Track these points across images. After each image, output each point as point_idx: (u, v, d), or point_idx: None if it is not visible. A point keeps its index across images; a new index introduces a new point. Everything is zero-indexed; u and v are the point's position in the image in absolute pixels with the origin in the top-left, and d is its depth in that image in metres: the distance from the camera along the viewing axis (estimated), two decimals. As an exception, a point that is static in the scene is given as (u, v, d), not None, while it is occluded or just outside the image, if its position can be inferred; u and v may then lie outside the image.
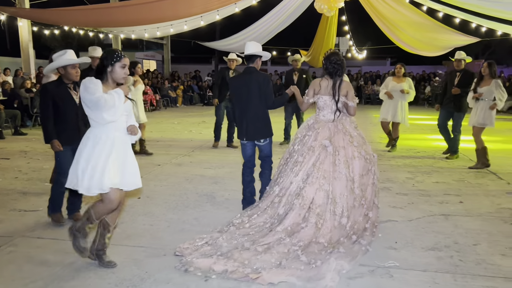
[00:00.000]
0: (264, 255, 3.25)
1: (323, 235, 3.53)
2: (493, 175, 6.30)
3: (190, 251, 3.39)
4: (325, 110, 4.03)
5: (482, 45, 22.05)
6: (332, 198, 3.66)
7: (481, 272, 3.22)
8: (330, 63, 4.01)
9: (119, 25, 12.65)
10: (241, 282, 2.99)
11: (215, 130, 8.36)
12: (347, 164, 3.77)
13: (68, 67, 3.93)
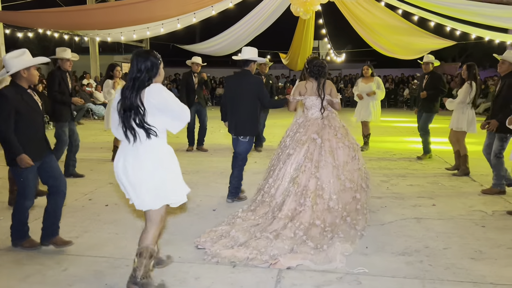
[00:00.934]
0: (277, 242, 3.59)
1: (318, 217, 3.93)
2: (466, 177, 6.33)
3: (210, 243, 3.64)
4: (313, 109, 4.47)
5: (458, 48, 22.45)
6: (320, 185, 4.06)
7: (450, 277, 3.19)
8: (314, 66, 4.42)
9: (95, 27, 12.41)
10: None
11: (188, 135, 8.32)
12: (332, 153, 4.20)
13: (31, 68, 3.53)
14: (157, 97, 2.69)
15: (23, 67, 3.46)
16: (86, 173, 6.39)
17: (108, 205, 4.85)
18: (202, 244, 3.65)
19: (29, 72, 3.53)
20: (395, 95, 20.81)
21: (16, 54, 3.50)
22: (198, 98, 8.09)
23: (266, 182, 4.50)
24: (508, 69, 5.18)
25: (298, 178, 4.10)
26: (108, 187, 5.61)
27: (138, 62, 2.71)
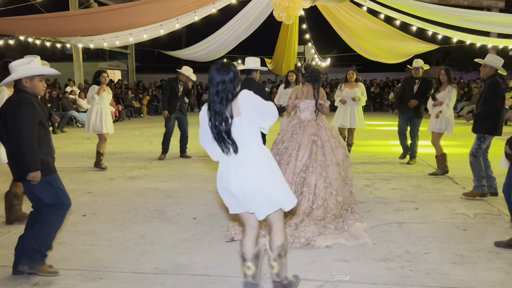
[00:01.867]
0: (307, 227, 3.96)
1: (329, 211, 4.25)
2: (449, 180, 6.35)
3: (240, 235, 3.80)
4: (306, 112, 4.70)
5: (441, 52, 22.72)
6: (329, 182, 4.35)
7: (430, 283, 3.15)
8: (312, 72, 4.67)
9: (78, 34, 12.28)
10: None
11: (163, 142, 8.12)
12: (333, 153, 4.49)
13: (36, 78, 3.23)
14: (251, 103, 2.71)
15: (24, 75, 3.18)
16: (65, 182, 6.19)
17: (86, 215, 4.73)
18: (236, 237, 3.96)
19: (32, 82, 3.21)
20: (380, 99, 20.95)
21: (22, 62, 3.22)
22: (179, 105, 7.97)
23: None
24: (489, 73, 5.21)
25: (308, 179, 4.36)
26: (86, 197, 5.49)
27: (220, 75, 2.67)
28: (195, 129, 9.07)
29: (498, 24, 9.94)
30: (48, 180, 3.24)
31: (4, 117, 3.15)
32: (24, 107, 3.12)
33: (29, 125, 3.11)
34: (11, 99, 3.21)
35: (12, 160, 3.22)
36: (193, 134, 11.24)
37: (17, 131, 3.08)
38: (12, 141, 3.13)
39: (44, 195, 3.24)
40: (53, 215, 3.27)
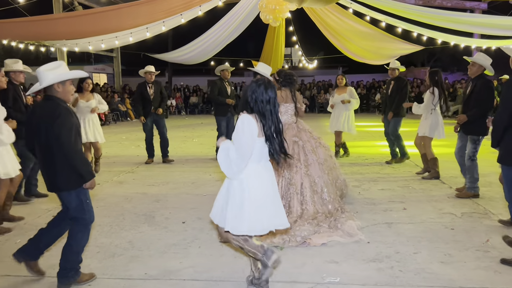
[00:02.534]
0: (302, 226, 4.05)
1: (319, 210, 4.36)
2: (436, 180, 6.40)
3: None
4: (286, 115, 4.84)
5: (427, 53, 23.03)
6: (313, 180, 4.48)
7: (420, 283, 3.17)
8: (286, 76, 4.84)
9: (62, 37, 12.13)
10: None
11: (146, 148, 8.01)
12: (315, 152, 4.64)
13: (67, 82, 3.14)
14: None
15: (57, 80, 3.07)
16: (51, 188, 6.15)
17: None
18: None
19: (64, 87, 3.12)
20: (367, 100, 21.11)
21: (51, 67, 3.10)
22: (154, 109, 7.78)
23: None
24: (477, 72, 5.22)
25: (294, 179, 4.45)
26: (73, 202, 5.40)
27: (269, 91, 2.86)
28: (181, 132, 9.03)
29: (481, 26, 10.10)
30: (78, 192, 3.15)
31: (45, 128, 3.00)
32: (65, 117, 3.02)
33: (72, 135, 3.04)
34: (46, 108, 3.05)
35: (52, 171, 3.07)
36: (180, 138, 11.17)
37: (62, 143, 2.98)
38: (53, 153, 3.02)
39: (72, 204, 3.17)
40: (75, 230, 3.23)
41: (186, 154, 9.11)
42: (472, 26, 10.25)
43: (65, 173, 3.06)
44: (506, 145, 3.58)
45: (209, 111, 21.91)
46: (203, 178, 6.70)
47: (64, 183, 3.09)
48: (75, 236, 3.20)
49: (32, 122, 3.09)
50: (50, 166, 3.07)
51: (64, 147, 2.98)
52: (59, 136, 2.97)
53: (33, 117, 3.10)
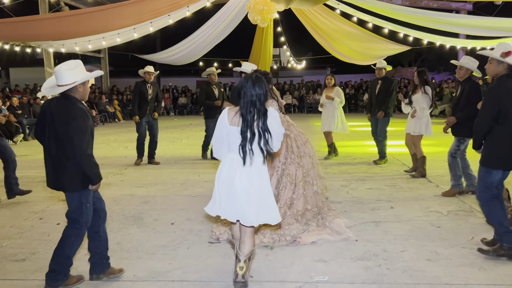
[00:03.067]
0: (291, 225, 4.08)
1: (308, 202, 4.42)
2: (423, 178, 6.48)
3: (228, 235, 3.95)
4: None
5: (413, 53, 23.26)
6: (306, 172, 4.56)
7: (407, 280, 3.21)
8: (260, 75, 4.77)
9: (49, 38, 12.01)
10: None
11: (137, 147, 7.97)
12: (305, 145, 4.73)
13: (86, 82, 3.13)
14: (273, 120, 2.95)
15: (84, 80, 3.05)
16: (38, 190, 6.11)
17: (60, 224, 4.61)
18: (221, 237, 4.07)
19: (85, 87, 3.10)
20: (355, 100, 21.25)
21: (71, 66, 3.03)
22: (150, 110, 7.76)
23: None
24: (465, 75, 5.29)
25: (288, 170, 4.50)
26: (60, 205, 5.35)
27: (256, 87, 2.91)
28: (170, 133, 8.98)
29: (467, 27, 10.26)
30: (81, 195, 3.11)
31: (59, 127, 2.97)
32: (80, 120, 2.98)
33: (86, 138, 3.00)
34: (63, 107, 3.00)
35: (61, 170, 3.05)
36: (169, 138, 11.17)
37: (74, 145, 2.95)
38: (64, 152, 3.00)
39: (71, 206, 3.15)
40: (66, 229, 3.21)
41: (175, 155, 9.08)
42: (458, 27, 10.41)
43: (73, 174, 3.04)
44: (486, 148, 3.64)
45: (197, 112, 21.86)
46: (192, 179, 6.69)
47: (70, 184, 3.07)
48: (68, 239, 3.16)
49: (46, 116, 3.05)
50: (59, 164, 3.05)
51: (76, 149, 2.95)
52: (73, 138, 2.94)
53: (47, 112, 3.06)
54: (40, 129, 3.13)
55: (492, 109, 3.51)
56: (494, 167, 3.56)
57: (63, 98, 3.05)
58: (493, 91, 3.57)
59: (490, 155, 3.59)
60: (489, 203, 3.62)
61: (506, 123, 3.49)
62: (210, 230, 4.31)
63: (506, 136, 3.51)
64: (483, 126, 3.58)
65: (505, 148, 3.52)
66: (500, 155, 3.54)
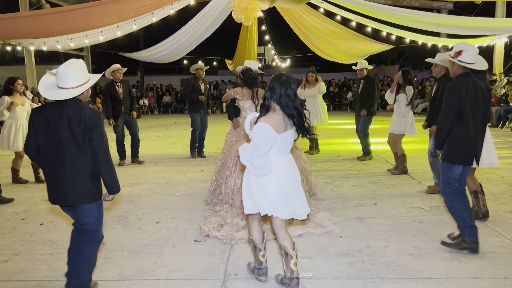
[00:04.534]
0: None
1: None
2: (406, 175, 6.58)
3: (217, 231, 4.14)
4: (249, 111, 5.01)
5: (396, 52, 23.53)
6: (302, 165, 4.85)
7: (390, 275, 3.27)
8: (248, 77, 5.00)
9: (29, 36, 11.79)
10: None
11: (117, 148, 7.79)
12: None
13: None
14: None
15: (96, 80, 2.91)
16: (20, 190, 6.02)
17: (43, 224, 4.56)
18: (211, 233, 4.14)
19: (87, 90, 2.91)
20: (339, 98, 21.43)
21: (81, 66, 2.83)
22: (125, 108, 7.61)
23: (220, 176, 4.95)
24: (441, 72, 5.34)
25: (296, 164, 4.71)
26: (43, 205, 5.29)
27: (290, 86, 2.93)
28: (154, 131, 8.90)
29: (448, 26, 10.44)
30: (99, 205, 2.95)
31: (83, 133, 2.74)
32: (103, 123, 2.84)
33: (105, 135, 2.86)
34: (87, 111, 2.77)
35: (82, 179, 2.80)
36: (153, 137, 11.11)
37: (103, 149, 2.79)
38: (87, 160, 2.79)
39: (92, 218, 2.91)
40: (90, 249, 2.97)
41: (160, 154, 9.04)
42: (439, 26, 10.58)
43: (96, 182, 2.85)
44: (446, 144, 3.71)
45: (182, 110, 21.77)
46: (177, 178, 6.68)
47: (93, 194, 2.85)
48: (90, 253, 2.95)
49: (52, 125, 2.76)
50: (78, 174, 2.78)
51: (104, 154, 2.79)
52: (100, 144, 2.77)
53: (52, 119, 2.76)
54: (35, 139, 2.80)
55: (454, 107, 3.59)
56: (455, 162, 3.67)
57: (74, 102, 2.78)
58: (453, 89, 3.64)
59: (450, 150, 3.69)
60: (452, 198, 3.73)
61: (464, 120, 3.59)
62: (195, 229, 4.32)
63: (465, 132, 3.61)
64: (447, 124, 3.64)
65: (463, 144, 3.63)
66: (459, 151, 3.65)
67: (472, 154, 3.66)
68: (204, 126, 8.41)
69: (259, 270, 3.22)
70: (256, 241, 3.18)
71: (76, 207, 2.87)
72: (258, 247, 3.18)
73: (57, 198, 2.85)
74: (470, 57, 3.63)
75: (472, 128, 3.61)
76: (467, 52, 3.63)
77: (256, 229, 3.18)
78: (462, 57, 3.63)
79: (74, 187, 2.79)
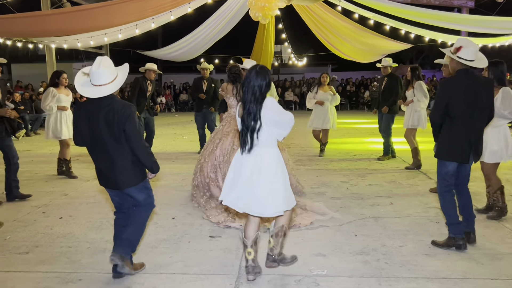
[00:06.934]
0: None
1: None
2: (423, 175, 6.52)
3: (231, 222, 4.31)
4: (234, 108, 5.12)
5: (415, 51, 23.23)
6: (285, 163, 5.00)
7: (405, 274, 3.25)
8: (230, 73, 5.18)
9: (51, 34, 12.03)
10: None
11: None
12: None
13: None
14: (272, 111, 2.99)
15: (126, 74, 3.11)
16: (40, 184, 6.16)
17: (62, 218, 4.66)
18: (228, 224, 4.28)
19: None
20: (356, 97, 21.26)
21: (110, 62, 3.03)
22: (147, 106, 7.85)
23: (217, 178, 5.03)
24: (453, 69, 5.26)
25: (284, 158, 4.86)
26: (63, 199, 5.40)
27: (257, 78, 2.97)
28: (171, 129, 8.99)
29: (468, 24, 10.26)
30: (145, 184, 3.24)
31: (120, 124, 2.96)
32: (134, 113, 3.06)
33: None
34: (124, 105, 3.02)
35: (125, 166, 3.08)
36: (170, 135, 11.23)
37: (137, 137, 3.04)
38: (127, 148, 3.05)
39: (141, 197, 3.21)
40: (144, 212, 3.28)
41: (176, 151, 9.13)
42: (459, 24, 10.41)
43: (137, 167, 3.13)
44: (440, 140, 3.72)
45: (199, 108, 21.91)
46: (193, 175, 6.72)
47: (137, 177, 3.14)
48: (144, 215, 3.28)
49: (92, 119, 3.00)
50: (122, 161, 3.06)
51: (139, 141, 3.04)
52: (134, 130, 2.99)
53: (94, 114, 2.99)
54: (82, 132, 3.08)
55: (442, 102, 3.57)
56: (447, 159, 3.66)
57: (107, 97, 2.99)
58: (444, 84, 3.64)
59: (442, 147, 3.67)
60: (444, 194, 3.73)
61: (456, 116, 3.56)
62: (211, 224, 4.36)
63: (456, 129, 3.59)
64: (435, 118, 3.67)
65: (451, 141, 3.61)
66: (447, 147, 3.64)
67: (465, 151, 3.61)
68: (211, 125, 8.58)
69: (246, 267, 3.17)
70: (244, 236, 3.18)
71: (127, 190, 3.15)
72: (244, 243, 3.17)
73: (107, 182, 3.17)
74: (469, 54, 3.57)
75: (464, 126, 3.57)
76: (467, 49, 3.57)
77: (249, 223, 3.19)
78: (461, 53, 3.58)
79: (120, 174, 3.07)
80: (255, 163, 3.01)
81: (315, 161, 7.68)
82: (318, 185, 5.92)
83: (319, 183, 6.08)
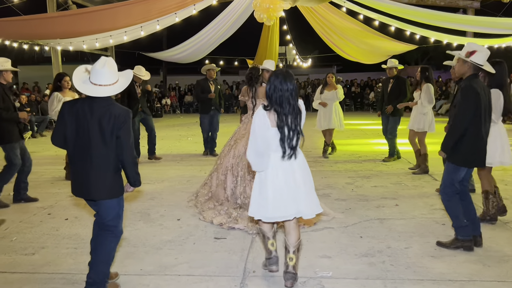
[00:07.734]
0: None
1: None
2: (428, 176, 6.49)
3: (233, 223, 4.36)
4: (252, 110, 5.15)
5: (420, 52, 23.09)
6: None
7: (410, 276, 3.24)
8: (248, 75, 5.21)
9: (57, 36, 12.11)
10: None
11: (134, 147, 7.98)
12: None
13: None
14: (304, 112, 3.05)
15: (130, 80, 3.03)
16: (46, 186, 6.19)
17: (68, 219, 4.68)
18: (232, 225, 4.32)
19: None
20: (361, 98, 21.21)
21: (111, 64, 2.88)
22: (142, 107, 7.87)
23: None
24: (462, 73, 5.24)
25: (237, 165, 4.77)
26: (68, 201, 5.43)
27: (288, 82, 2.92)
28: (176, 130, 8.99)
29: (474, 25, 10.20)
30: (120, 201, 2.99)
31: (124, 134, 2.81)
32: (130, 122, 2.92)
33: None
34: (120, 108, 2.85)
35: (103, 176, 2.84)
36: (175, 136, 11.25)
37: (128, 146, 2.86)
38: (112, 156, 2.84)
39: (110, 215, 2.94)
40: (110, 243, 3.00)
41: (181, 153, 9.14)
42: (465, 25, 10.36)
43: (117, 179, 2.90)
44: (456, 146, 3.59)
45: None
46: (198, 176, 6.74)
47: (114, 189, 2.89)
48: (109, 247, 2.97)
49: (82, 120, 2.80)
50: (103, 168, 2.83)
51: (129, 150, 2.86)
52: (128, 138, 2.84)
53: (85, 115, 2.79)
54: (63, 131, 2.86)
55: (474, 108, 3.50)
56: (463, 165, 3.65)
57: (104, 100, 2.83)
58: (472, 90, 3.51)
59: (459, 152, 3.63)
60: (451, 198, 3.72)
61: (479, 121, 3.55)
62: (216, 226, 4.37)
63: (478, 134, 3.56)
64: (464, 124, 3.52)
65: (475, 146, 3.59)
66: (470, 153, 3.60)
67: (482, 155, 3.64)
68: (215, 126, 8.58)
69: (269, 259, 3.25)
70: (264, 230, 3.22)
71: (97, 201, 2.92)
72: (267, 236, 3.22)
73: (80, 191, 2.92)
74: (482, 58, 3.58)
75: (483, 130, 3.58)
76: (481, 53, 3.57)
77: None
78: (474, 57, 3.56)
79: (97, 182, 2.83)
80: (299, 166, 3.02)
81: (320, 162, 7.66)
82: (323, 187, 5.91)
83: (324, 184, 6.07)
